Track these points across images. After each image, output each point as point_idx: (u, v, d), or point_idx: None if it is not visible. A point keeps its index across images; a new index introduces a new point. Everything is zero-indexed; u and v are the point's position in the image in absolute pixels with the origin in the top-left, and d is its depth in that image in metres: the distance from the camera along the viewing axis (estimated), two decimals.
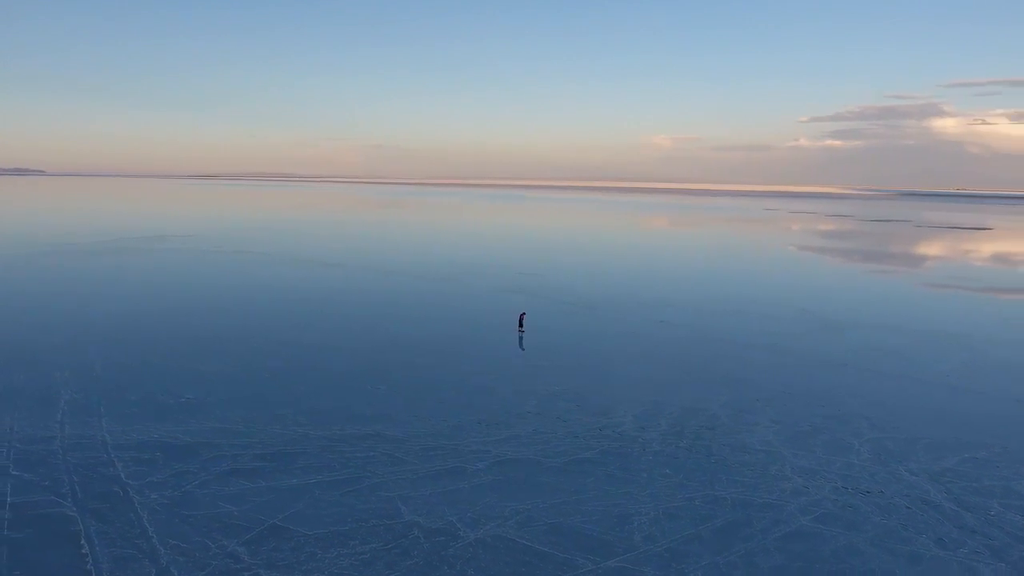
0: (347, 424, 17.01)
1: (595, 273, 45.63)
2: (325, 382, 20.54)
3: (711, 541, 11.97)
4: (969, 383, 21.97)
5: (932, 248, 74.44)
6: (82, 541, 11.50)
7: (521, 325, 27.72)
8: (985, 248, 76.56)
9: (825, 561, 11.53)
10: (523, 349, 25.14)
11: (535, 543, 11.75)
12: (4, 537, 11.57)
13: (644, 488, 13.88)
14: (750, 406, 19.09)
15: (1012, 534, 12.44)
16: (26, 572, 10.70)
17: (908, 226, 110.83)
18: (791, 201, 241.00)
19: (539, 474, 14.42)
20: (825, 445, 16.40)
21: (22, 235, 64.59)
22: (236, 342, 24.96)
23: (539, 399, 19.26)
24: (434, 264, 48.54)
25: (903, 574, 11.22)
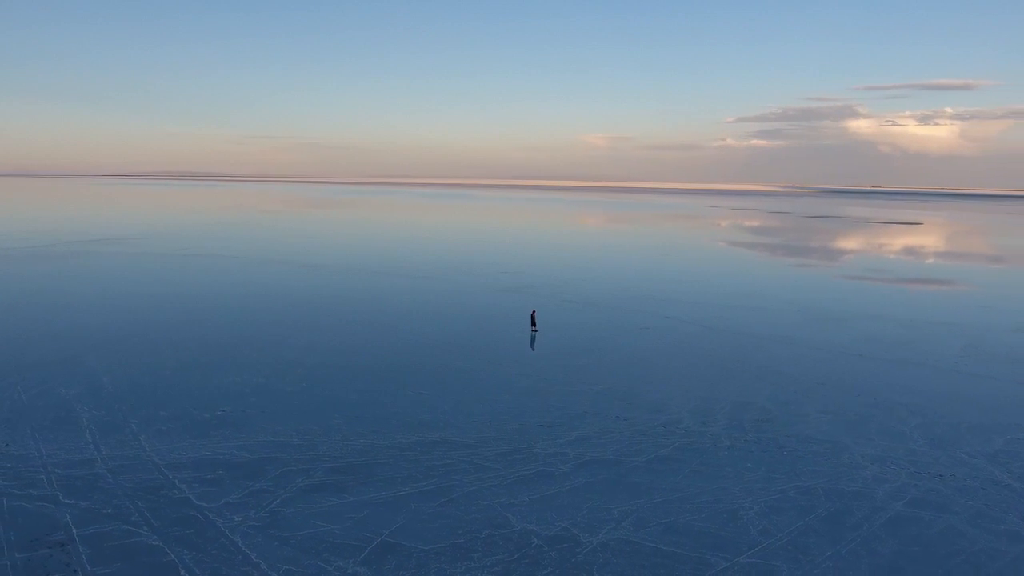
0: (408, 431, 16.35)
1: (579, 270, 45.75)
2: (364, 387, 19.70)
3: (824, 532, 12.11)
4: (977, 368, 23.21)
5: (879, 242, 78.59)
6: (182, 573, 10.53)
7: (534, 324, 27.49)
8: (926, 241, 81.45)
9: (936, 543, 11.85)
10: (533, 350, 24.82)
11: (659, 544, 11.58)
12: (90, 573, 10.47)
13: (735, 483, 13.93)
14: (793, 398, 19.52)
15: None
16: None
17: (847, 222, 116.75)
18: (728, 198, 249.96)
19: (627, 474, 14.25)
20: (880, 433, 16.93)
21: None
22: (251, 350, 23.62)
23: (590, 398, 19.09)
24: (415, 263, 47.58)
25: (1010, 552, 11.66)
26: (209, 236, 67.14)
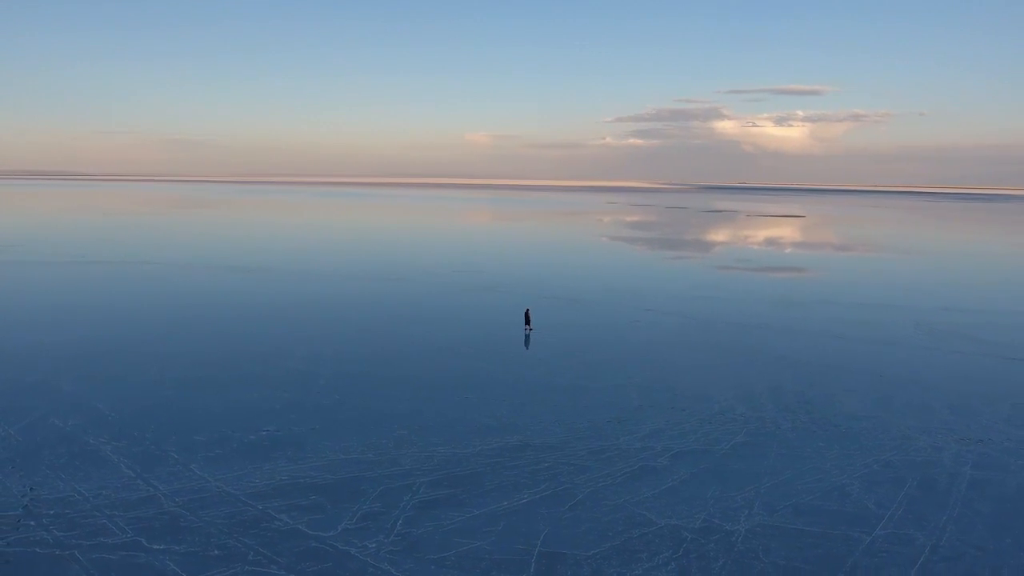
0: (483, 437, 15.75)
1: (537, 267, 45.87)
2: (403, 396, 18.69)
3: (927, 499, 13.07)
4: (938, 344, 25.88)
5: (780, 234, 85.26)
6: None
7: (528, 322, 27.34)
8: (817, 232, 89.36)
9: (1020, 500, 13.15)
10: (527, 348, 24.73)
11: (799, 525, 12.00)
12: None
13: (822, 462, 14.68)
14: (815, 381, 20.80)
15: None
16: None
17: (740, 216, 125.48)
18: (620, 195, 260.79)
19: (722, 462, 14.61)
20: (908, 407, 18.47)
21: None
22: (251, 364, 21.66)
23: (635, 392, 19.32)
24: (361, 264, 45.57)
25: None
26: (101, 240, 60.44)
